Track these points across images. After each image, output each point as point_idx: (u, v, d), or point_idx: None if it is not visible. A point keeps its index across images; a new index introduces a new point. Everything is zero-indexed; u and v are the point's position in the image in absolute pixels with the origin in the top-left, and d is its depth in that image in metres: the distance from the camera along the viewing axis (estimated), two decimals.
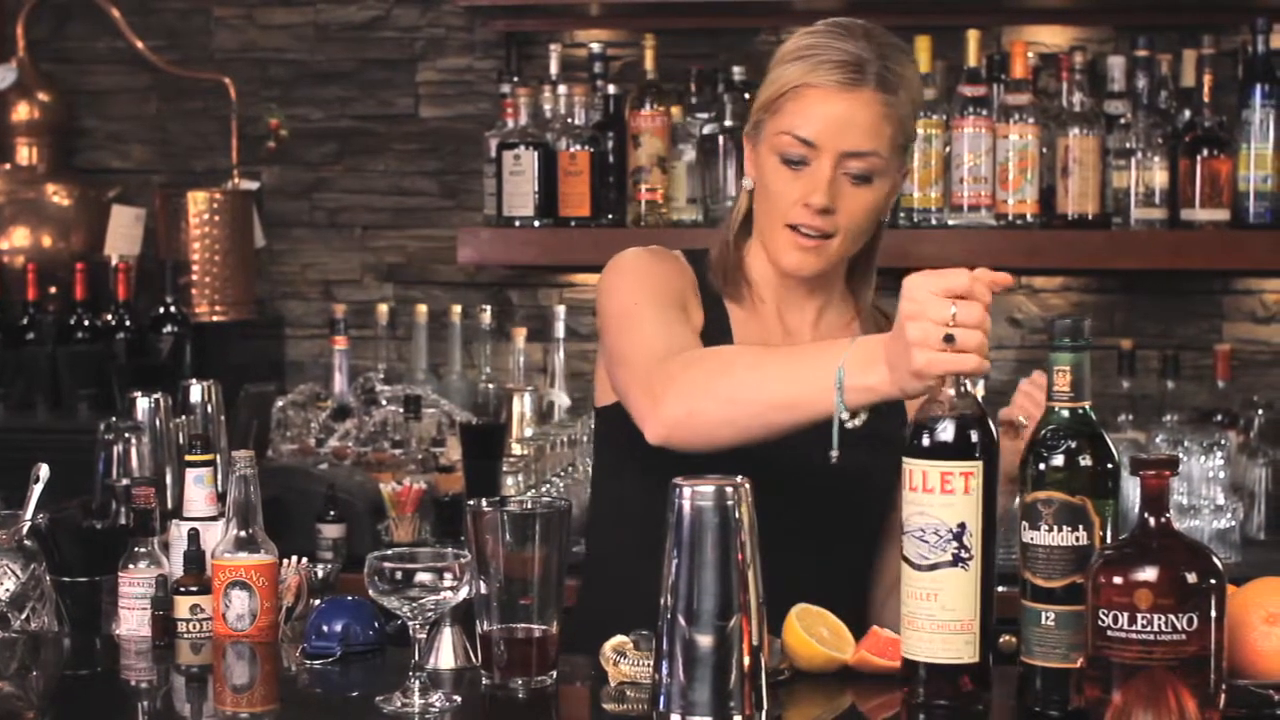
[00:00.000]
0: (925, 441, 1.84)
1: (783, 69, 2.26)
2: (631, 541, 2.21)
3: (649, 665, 1.87)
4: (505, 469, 3.45)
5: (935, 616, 1.84)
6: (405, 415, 3.72)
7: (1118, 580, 1.72)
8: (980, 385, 3.57)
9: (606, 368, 2.32)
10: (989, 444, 1.85)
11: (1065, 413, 1.84)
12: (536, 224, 3.77)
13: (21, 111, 4.10)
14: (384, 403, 3.78)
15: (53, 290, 3.95)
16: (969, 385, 1.87)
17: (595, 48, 3.88)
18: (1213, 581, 1.72)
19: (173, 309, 3.82)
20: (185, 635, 2.24)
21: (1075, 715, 1.80)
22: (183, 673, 2.18)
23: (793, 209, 2.25)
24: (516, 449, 3.52)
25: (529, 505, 2.00)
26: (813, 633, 2.03)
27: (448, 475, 3.59)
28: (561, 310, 3.86)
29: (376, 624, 2.16)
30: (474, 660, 2.05)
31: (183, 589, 2.26)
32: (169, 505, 2.54)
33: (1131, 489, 1.84)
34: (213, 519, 2.31)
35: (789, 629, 2.02)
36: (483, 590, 1.95)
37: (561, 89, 3.81)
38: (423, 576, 1.91)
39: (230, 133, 4.14)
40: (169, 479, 2.64)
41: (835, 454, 1.97)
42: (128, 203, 4.08)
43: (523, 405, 3.70)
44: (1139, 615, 1.70)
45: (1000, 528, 1.92)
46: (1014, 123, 3.60)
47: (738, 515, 1.74)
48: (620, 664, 1.99)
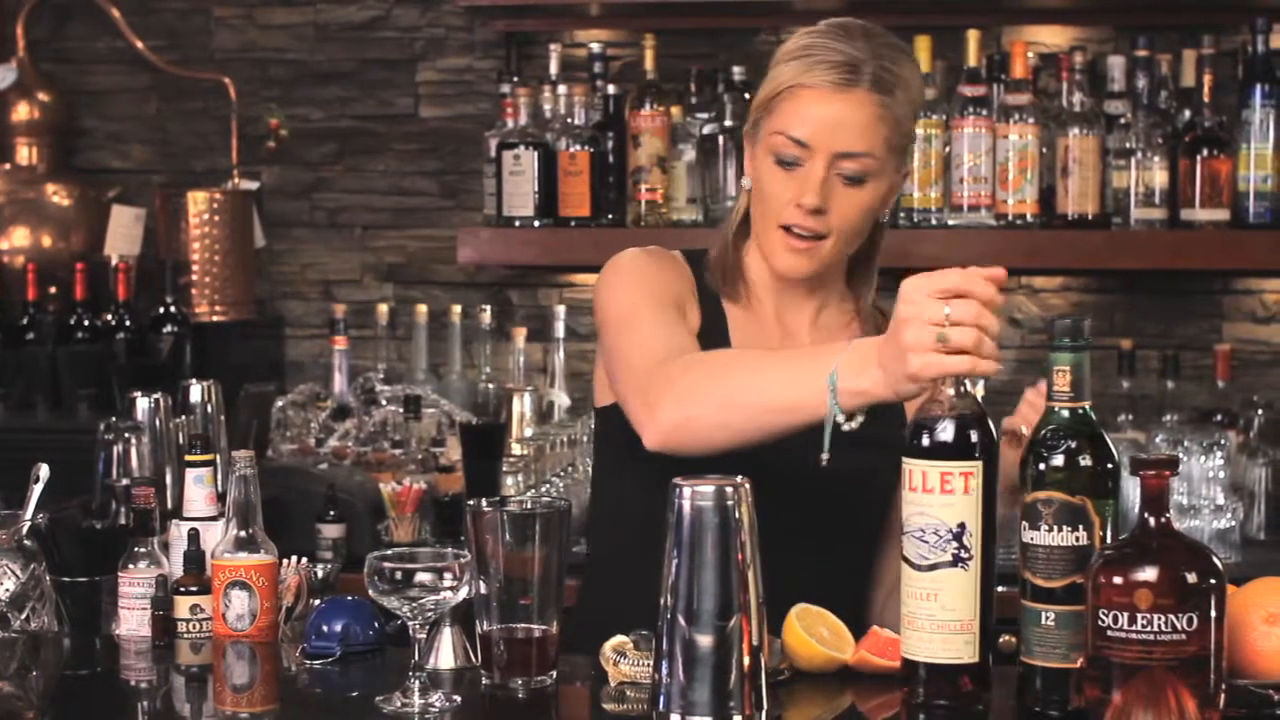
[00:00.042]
0: (925, 441, 1.84)
1: (779, 69, 2.26)
2: (631, 541, 2.20)
3: (649, 665, 1.87)
4: (505, 469, 3.45)
5: (935, 616, 1.84)
6: (405, 415, 3.72)
7: (1118, 580, 1.72)
8: (980, 385, 3.57)
9: (605, 372, 2.32)
10: (989, 444, 1.85)
11: (1065, 413, 1.84)
12: (536, 224, 3.77)
13: (21, 111, 4.10)
14: (384, 403, 3.78)
15: (53, 290, 3.95)
16: (969, 385, 1.87)
17: (595, 48, 3.88)
18: (1213, 581, 1.72)
19: (173, 309, 3.81)
20: (185, 635, 2.24)
21: (1075, 715, 1.80)
22: (183, 673, 2.18)
23: (785, 209, 2.25)
24: (516, 449, 3.52)
25: (529, 505, 2.00)
26: (813, 633, 2.03)
27: (448, 475, 3.59)
28: (561, 310, 3.86)
29: (376, 624, 2.16)
30: (474, 660, 2.04)
31: (183, 589, 2.25)
32: (169, 505, 2.54)
33: (1131, 489, 1.84)
34: (213, 519, 2.31)
35: (789, 629, 2.02)
36: (483, 590, 1.95)
37: (561, 89, 3.80)
38: (423, 576, 1.91)
39: (230, 133, 4.14)
40: (169, 479, 2.64)
41: (826, 457, 1.97)
42: (128, 203, 4.08)
43: (523, 405, 3.70)
44: (1139, 615, 1.70)
45: (1000, 529, 1.92)
46: (1014, 123, 3.60)
47: (738, 515, 1.74)
48: (620, 664, 1.99)
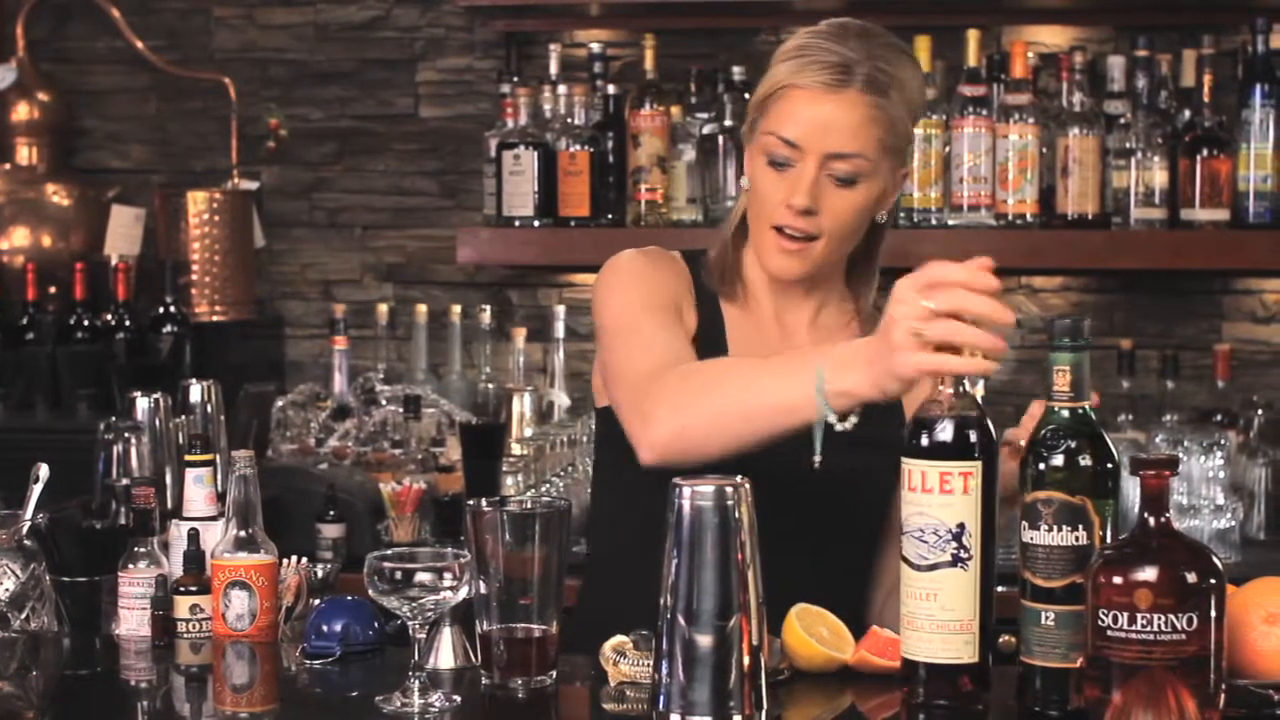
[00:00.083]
0: (924, 441, 1.84)
1: (774, 69, 2.26)
2: (631, 541, 2.20)
3: (649, 665, 1.87)
4: (505, 469, 3.45)
5: (935, 616, 1.84)
6: (405, 415, 3.72)
7: (1117, 580, 1.72)
8: (980, 385, 3.57)
9: (602, 380, 2.32)
10: (988, 444, 1.85)
11: (1065, 412, 1.84)
12: (536, 224, 3.77)
13: (21, 111, 4.10)
14: (384, 403, 3.78)
15: (52, 290, 3.94)
16: (968, 385, 1.87)
17: (595, 48, 3.88)
18: (1212, 581, 1.72)
19: (172, 309, 3.81)
20: (185, 635, 2.24)
21: (1075, 715, 1.80)
22: (182, 672, 2.18)
23: (777, 210, 2.24)
24: (516, 449, 3.52)
25: (529, 505, 2.00)
26: (812, 633, 2.03)
27: (447, 475, 3.59)
28: (561, 310, 3.86)
29: (376, 624, 2.16)
30: (474, 660, 2.04)
31: (182, 589, 2.25)
32: (169, 505, 2.54)
33: (1131, 489, 1.84)
34: (212, 519, 2.31)
35: (789, 629, 2.02)
36: (482, 590, 1.95)
37: (561, 89, 3.80)
38: (422, 576, 1.91)
39: (230, 133, 4.14)
40: (169, 479, 2.64)
41: (818, 459, 1.98)
42: (127, 203, 4.07)
43: (522, 405, 3.70)
44: (1139, 615, 1.70)
45: (1000, 529, 1.92)
46: (1014, 123, 3.60)
47: (738, 515, 1.74)
48: (620, 664, 1.99)
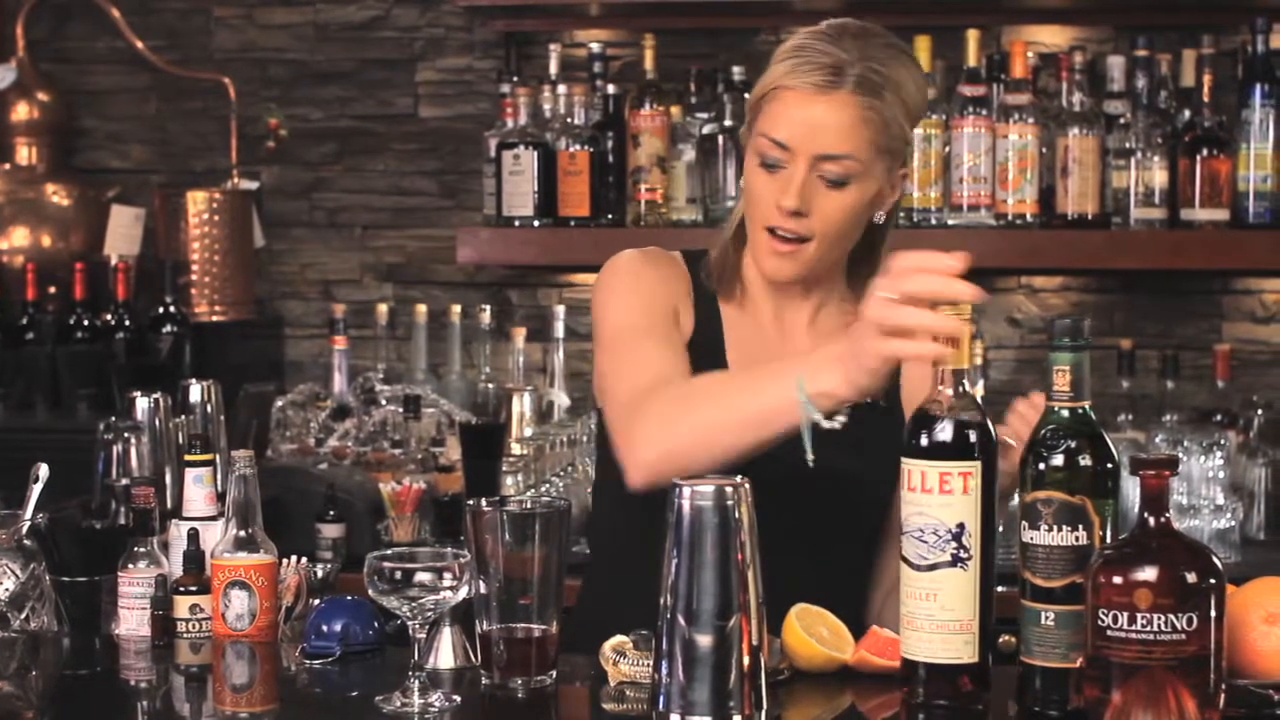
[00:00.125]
0: (924, 442, 1.84)
1: (769, 70, 2.25)
2: (631, 541, 2.20)
3: (649, 665, 1.87)
4: (505, 469, 3.45)
5: (934, 616, 1.84)
6: (405, 415, 3.72)
7: (1117, 580, 1.72)
8: (980, 385, 3.57)
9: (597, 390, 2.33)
10: (988, 444, 1.85)
11: (1065, 412, 1.84)
12: (536, 224, 3.77)
13: (21, 111, 4.10)
14: (383, 403, 3.78)
15: (52, 290, 3.95)
16: (968, 385, 1.87)
17: (595, 48, 3.88)
18: (1212, 581, 1.72)
19: (172, 309, 3.81)
20: (185, 635, 2.24)
21: (1075, 715, 1.80)
22: (182, 672, 2.18)
23: (769, 211, 2.24)
24: (516, 449, 3.52)
25: (529, 505, 2.00)
26: (812, 633, 2.03)
27: (447, 475, 3.59)
28: (561, 310, 3.86)
29: (376, 624, 2.16)
30: (474, 660, 2.04)
31: (182, 589, 2.25)
32: (168, 505, 2.54)
33: (1131, 489, 1.84)
34: (212, 519, 2.31)
35: (789, 629, 2.02)
36: (482, 590, 1.95)
37: (561, 89, 3.80)
38: (422, 576, 1.91)
39: (230, 133, 4.14)
40: (168, 479, 2.64)
41: (811, 457, 1.99)
42: (127, 202, 4.07)
43: (522, 405, 3.70)
44: (1139, 615, 1.70)
45: (1000, 528, 1.92)
46: (1014, 123, 3.60)
47: (737, 515, 1.74)
48: (620, 664, 1.98)
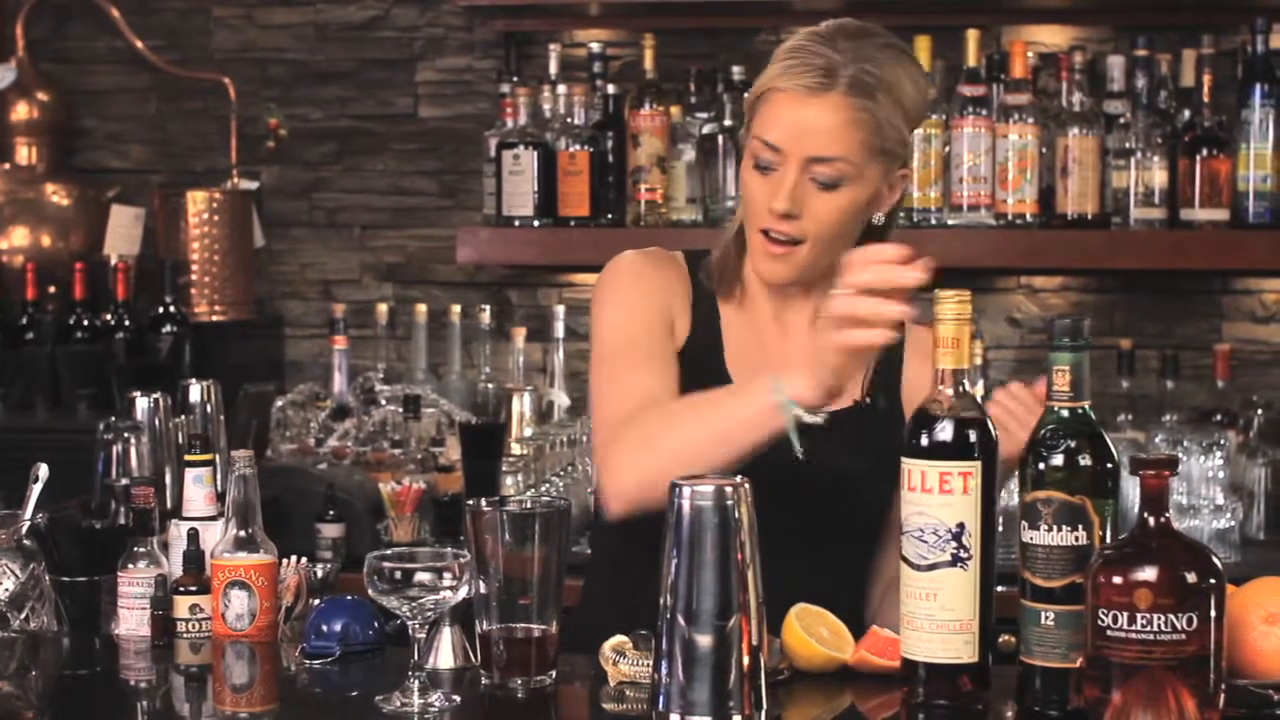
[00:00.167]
0: (924, 441, 1.85)
1: (764, 72, 2.25)
2: (632, 541, 2.20)
3: (648, 665, 1.87)
4: (505, 469, 3.45)
5: (934, 616, 1.84)
6: (405, 415, 3.72)
7: (1117, 580, 1.72)
8: (980, 385, 3.57)
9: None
10: (988, 444, 1.85)
11: (1065, 412, 1.84)
12: (536, 224, 3.77)
13: (21, 111, 4.10)
14: (383, 402, 3.78)
15: (52, 290, 3.95)
16: (968, 385, 1.87)
17: (595, 47, 3.88)
18: (1212, 581, 1.72)
19: (172, 309, 3.81)
20: (184, 635, 2.24)
21: (1075, 715, 1.80)
22: (182, 672, 2.18)
23: (762, 214, 2.24)
24: (516, 449, 3.52)
25: (528, 505, 2.00)
26: (812, 633, 2.03)
27: (447, 475, 3.59)
28: (561, 310, 3.86)
29: (376, 624, 2.16)
30: (473, 660, 2.04)
31: (182, 589, 2.25)
32: (168, 505, 2.54)
33: (1131, 489, 1.84)
34: (212, 519, 2.31)
35: (788, 629, 2.02)
36: (482, 590, 1.95)
37: (561, 89, 3.80)
38: (422, 576, 1.91)
39: (230, 133, 4.14)
40: (168, 479, 2.64)
41: (799, 449, 2.02)
42: (127, 202, 4.07)
43: (522, 405, 3.69)
44: (1138, 615, 1.70)
45: (999, 528, 1.92)
46: (1013, 122, 3.60)
47: (737, 515, 1.74)
48: (620, 664, 1.98)
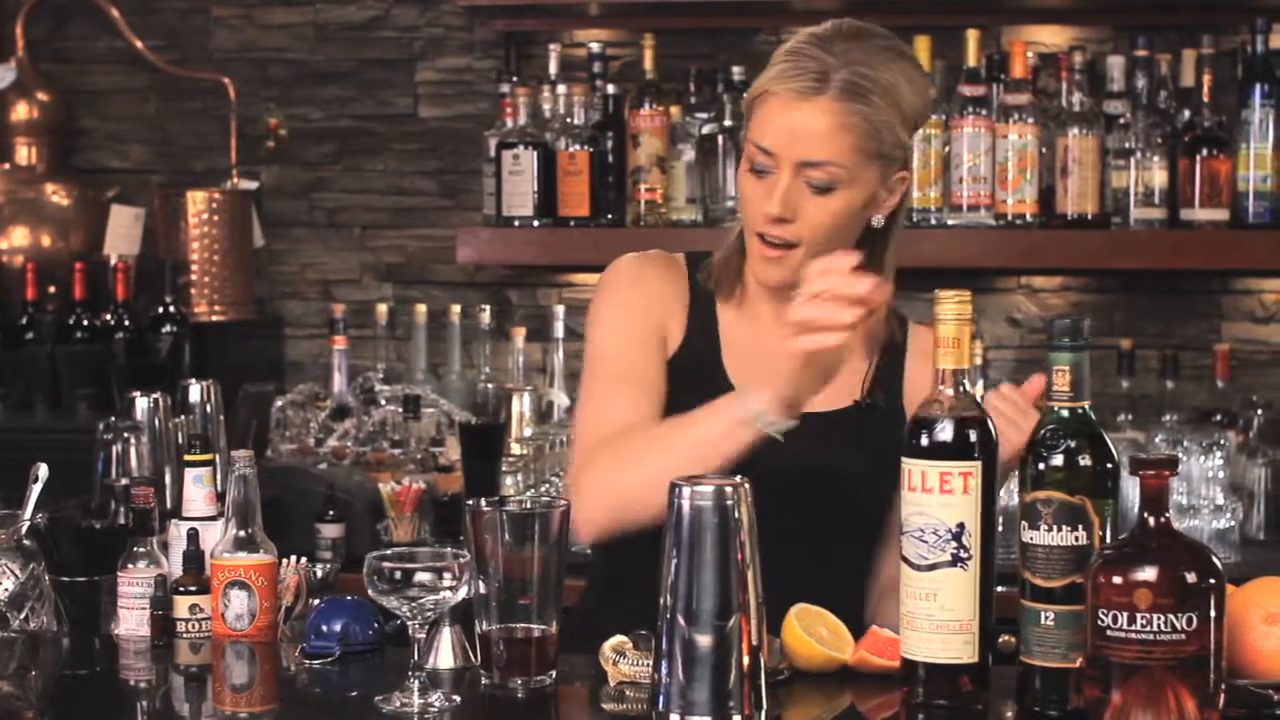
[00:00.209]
0: (924, 441, 1.85)
1: (761, 74, 2.25)
2: (632, 541, 2.20)
3: (648, 665, 1.87)
4: (504, 469, 3.45)
5: (934, 616, 1.84)
6: (404, 415, 3.72)
7: (1117, 580, 1.72)
8: (980, 385, 3.57)
9: None
10: (988, 444, 1.85)
11: (1065, 412, 1.84)
12: (536, 224, 3.76)
13: (21, 111, 4.10)
14: (383, 402, 3.78)
15: (52, 290, 3.95)
16: (968, 385, 1.87)
17: (594, 48, 3.88)
18: (1212, 581, 1.72)
19: (172, 309, 3.81)
20: (184, 635, 2.24)
21: (1075, 715, 1.80)
22: (182, 672, 2.18)
23: (757, 217, 2.24)
24: (516, 449, 3.52)
25: (528, 505, 2.00)
26: (812, 632, 2.02)
27: (447, 475, 3.59)
28: (561, 310, 3.86)
29: (376, 624, 2.16)
30: (473, 660, 2.04)
31: (182, 589, 2.25)
32: (168, 505, 2.54)
33: (1131, 489, 1.84)
34: (212, 519, 2.30)
35: (788, 629, 2.02)
36: (482, 590, 1.95)
37: (561, 89, 3.80)
38: (422, 576, 1.91)
39: (229, 133, 4.14)
40: (168, 479, 2.65)
41: (779, 438, 2.08)
42: (127, 202, 4.07)
43: (522, 405, 3.70)
44: (1138, 615, 1.70)
45: (999, 528, 1.92)
46: (1013, 122, 3.60)
47: (737, 515, 1.74)
48: (620, 664, 1.98)
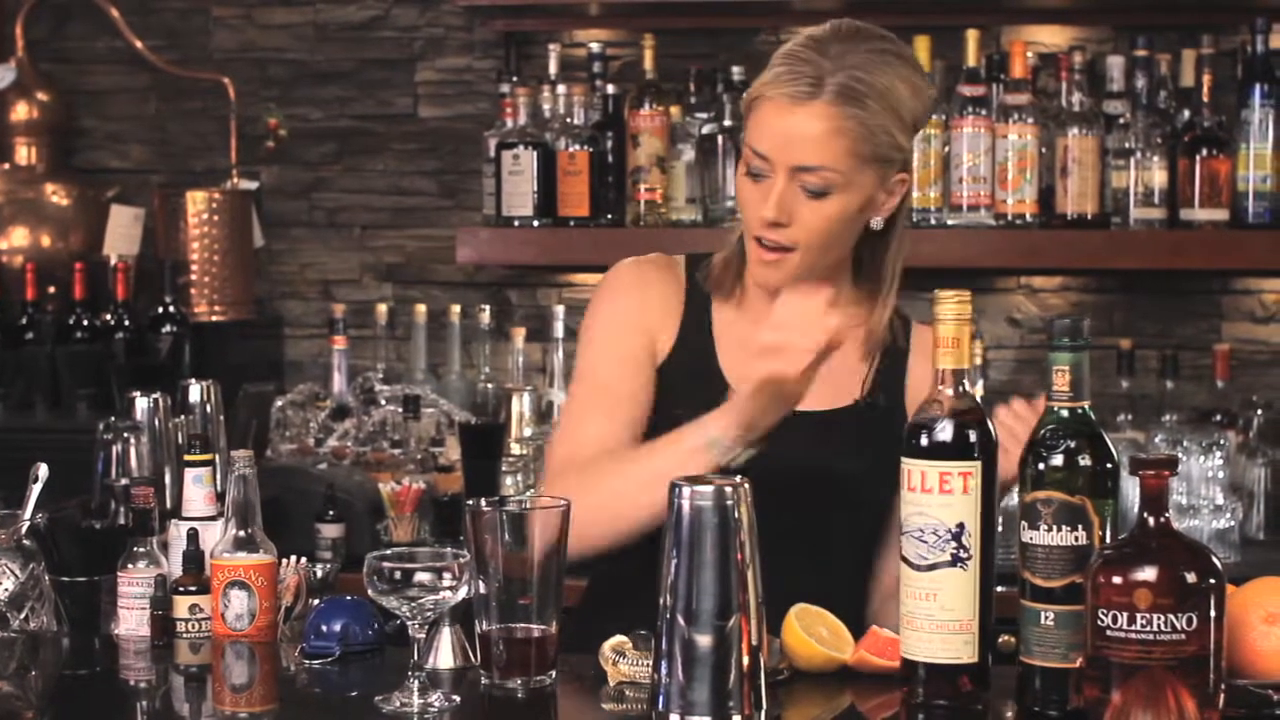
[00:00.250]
0: (924, 442, 1.85)
1: (758, 77, 2.25)
2: (632, 541, 2.20)
3: (648, 665, 1.87)
4: (504, 469, 3.45)
5: (934, 616, 1.84)
6: (404, 415, 3.72)
7: (1117, 580, 1.72)
8: (980, 385, 3.57)
9: None
10: (987, 444, 1.85)
11: (1064, 412, 1.84)
12: (535, 224, 3.76)
13: (20, 111, 4.09)
14: (383, 402, 3.78)
15: (52, 290, 3.94)
16: (968, 385, 1.87)
17: (594, 47, 3.87)
18: (1212, 581, 1.72)
19: (172, 309, 3.81)
20: (184, 635, 2.24)
21: (1074, 715, 1.80)
22: (182, 672, 2.18)
23: (754, 221, 2.24)
24: (515, 449, 3.52)
25: (528, 505, 2.00)
26: (812, 633, 2.03)
27: (447, 475, 3.59)
28: (560, 310, 3.85)
29: (375, 624, 2.16)
30: (473, 660, 2.04)
31: (182, 589, 2.25)
32: (168, 505, 2.54)
33: (1131, 489, 1.84)
34: (212, 519, 2.30)
35: (788, 629, 2.02)
36: (482, 590, 1.95)
37: (560, 89, 3.80)
38: (422, 576, 1.91)
39: (229, 133, 4.14)
40: (168, 479, 2.65)
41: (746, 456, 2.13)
42: (126, 202, 4.07)
43: (522, 405, 3.69)
44: (1138, 615, 1.70)
45: (999, 528, 1.92)
46: (1013, 122, 3.60)
47: (737, 515, 1.74)
48: (619, 664, 1.98)
